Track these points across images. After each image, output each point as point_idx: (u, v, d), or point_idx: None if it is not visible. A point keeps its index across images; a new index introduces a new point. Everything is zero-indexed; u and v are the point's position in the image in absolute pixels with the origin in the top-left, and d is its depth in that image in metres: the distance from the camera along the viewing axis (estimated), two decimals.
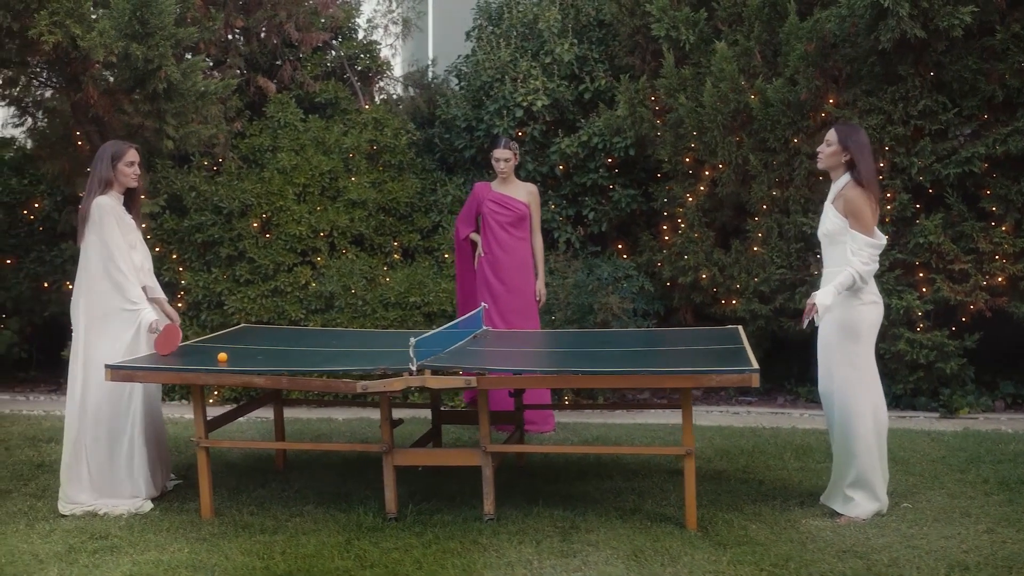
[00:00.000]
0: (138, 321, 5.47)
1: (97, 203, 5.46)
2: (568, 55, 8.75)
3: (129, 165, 5.58)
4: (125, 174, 5.57)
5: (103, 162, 5.54)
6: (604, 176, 8.84)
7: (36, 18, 6.70)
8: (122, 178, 5.58)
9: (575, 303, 8.15)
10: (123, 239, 5.51)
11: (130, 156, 5.60)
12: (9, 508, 5.56)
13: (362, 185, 8.96)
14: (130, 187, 5.64)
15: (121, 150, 5.59)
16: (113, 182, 5.55)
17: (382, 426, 5.19)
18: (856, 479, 5.12)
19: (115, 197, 5.56)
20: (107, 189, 5.53)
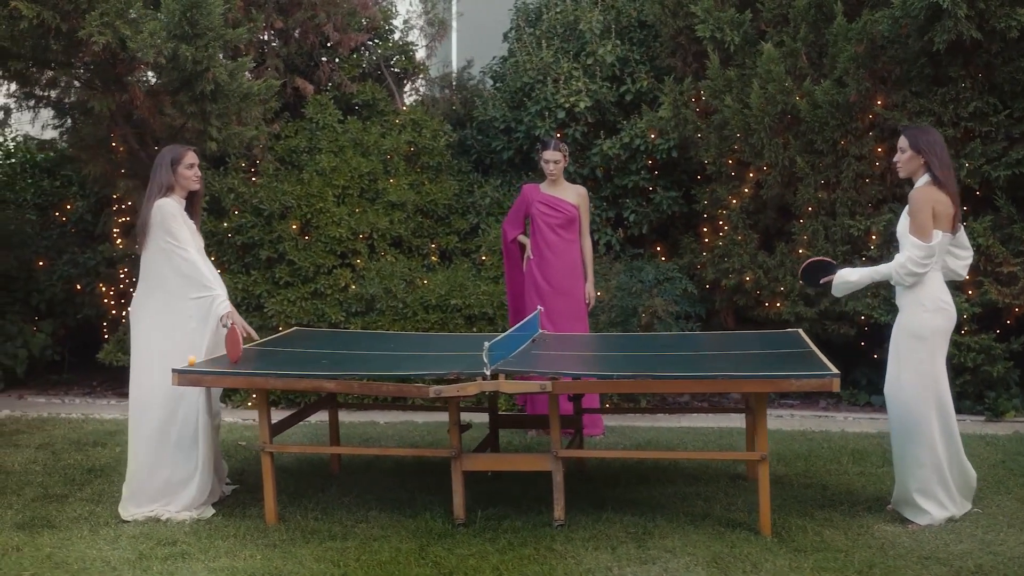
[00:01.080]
0: (209, 308, 5.37)
1: (159, 205, 5.40)
2: (610, 56, 8.70)
3: (189, 168, 5.52)
4: (186, 177, 5.51)
5: (163, 166, 5.48)
6: (645, 178, 8.79)
7: (87, 19, 6.63)
8: (183, 181, 5.51)
9: (619, 305, 8.10)
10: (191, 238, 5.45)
11: (189, 158, 5.53)
12: (69, 513, 5.50)
13: (401, 187, 8.91)
14: (191, 190, 5.58)
15: (180, 153, 5.53)
16: (174, 186, 5.49)
17: (450, 431, 5.14)
18: (923, 486, 5.07)
19: (177, 201, 5.50)
20: (168, 193, 5.47)
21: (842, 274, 5.33)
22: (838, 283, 5.34)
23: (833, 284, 5.36)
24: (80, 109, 8.04)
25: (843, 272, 5.33)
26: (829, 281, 5.38)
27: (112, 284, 9.30)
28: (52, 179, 10.22)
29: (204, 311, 5.38)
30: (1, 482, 6.14)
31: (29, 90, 8.14)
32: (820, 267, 5.47)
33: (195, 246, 5.48)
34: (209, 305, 5.38)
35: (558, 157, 7.19)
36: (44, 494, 5.88)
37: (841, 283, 5.33)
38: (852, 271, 5.33)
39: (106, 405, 8.70)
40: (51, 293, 9.58)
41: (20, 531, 5.20)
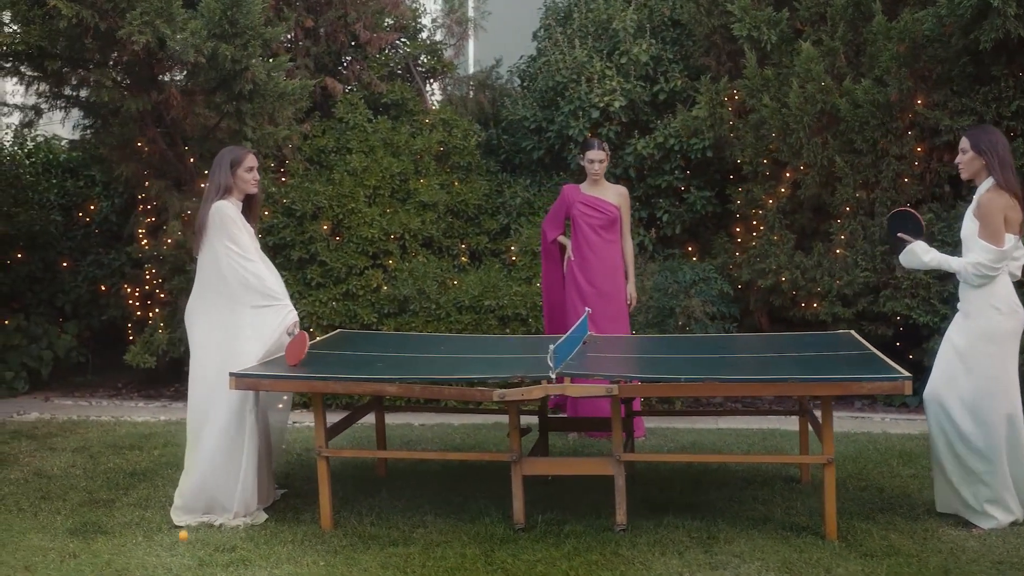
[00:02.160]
0: (267, 317, 5.32)
1: (217, 207, 5.32)
2: (644, 56, 8.64)
3: (248, 171, 5.44)
4: (244, 180, 5.44)
5: (222, 168, 5.40)
6: (679, 178, 8.73)
7: (127, 18, 6.56)
8: (241, 184, 5.43)
9: (655, 306, 8.04)
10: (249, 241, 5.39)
11: (249, 161, 5.46)
12: (119, 519, 5.43)
13: (432, 187, 8.84)
14: (249, 193, 5.50)
15: (240, 155, 5.45)
16: (232, 188, 5.41)
17: (511, 435, 5.07)
18: (995, 495, 5.00)
19: (234, 203, 5.42)
20: (226, 195, 5.39)
21: (916, 248, 5.19)
22: (908, 255, 5.22)
23: (904, 252, 5.25)
24: (112, 109, 7.96)
25: (918, 246, 5.19)
26: (903, 243, 5.25)
27: (137, 285, 9.22)
28: (76, 179, 10.13)
29: (262, 320, 5.32)
30: (44, 487, 6.06)
31: (58, 90, 8.06)
32: (907, 223, 5.30)
33: (256, 251, 5.41)
34: (269, 314, 5.33)
35: (602, 156, 7.13)
36: (90, 499, 5.81)
37: (911, 256, 5.21)
38: (928, 250, 5.16)
39: (134, 407, 8.62)
40: (76, 294, 9.51)
41: (74, 537, 5.13)
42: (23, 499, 5.80)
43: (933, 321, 7.67)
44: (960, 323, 5.14)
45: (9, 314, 9.23)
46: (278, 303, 5.39)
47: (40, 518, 5.46)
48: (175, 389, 9.29)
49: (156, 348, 8.66)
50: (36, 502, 5.75)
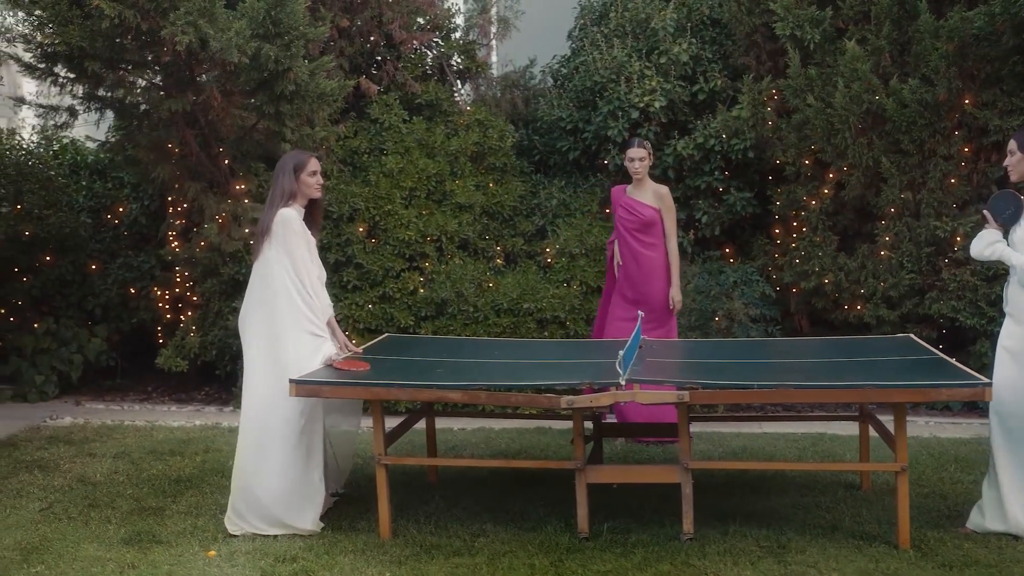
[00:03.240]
0: (318, 347, 5.26)
1: (282, 216, 5.22)
2: (685, 55, 8.54)
3: (311, 175, 5.34)
4: (308, 184, 5.33)
5: (285, 173, 5.29)
6: (718, 179, 8.63)
7: (171, 17, 6.46)
8: (305, 189, 5.33)
9: (697, 309, 7.94)
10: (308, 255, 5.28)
11: (312, 166, 5.35)
12: (172, 527, 5.34)
13: (468, 188, 8.74)
14: (312, 198, 5.41)
15: (304, 160, 5.35)
16: (296, 193, 5.31)
17: (575, 442, 4.98)
18: None
19: (298, 210, 5.33)
20: (290, 201, 5.29)
21: (988, 235, 5.05)
22: (979, 240, 5.06)
23: (981, 235, 5.08)
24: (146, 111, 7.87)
25: (989, 233, 5.04)
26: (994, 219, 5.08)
27: (167, 288, 9.12)
28: (104, 181, 10.04)
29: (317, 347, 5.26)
30: (90, 494, 5.97)
31: (92, 91, 7.97)
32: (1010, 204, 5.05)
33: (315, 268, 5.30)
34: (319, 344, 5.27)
35: (643, 154, 6.98)
36: (139, 507, 5.71)
37: (981, 241, 5.05)
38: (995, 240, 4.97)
39: (167, 412, 8.53)
40: (106, 297, 9.40)
41: (129, 547, 5.04)
42: (71, 507, 5.71)
43: (980, 323, 7.58)
44: (1010, 328, 4.99)
45: (39, 317, 9.13)
46: (317, 337, 5.31)
47: (92, 527, 5.37)
48: (205, 393, 9.20)
49: (188, 352, 8.57)
50: (85, 510, 5.65)
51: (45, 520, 5.49)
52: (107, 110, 8.16)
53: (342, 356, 5.36)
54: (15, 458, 6.82)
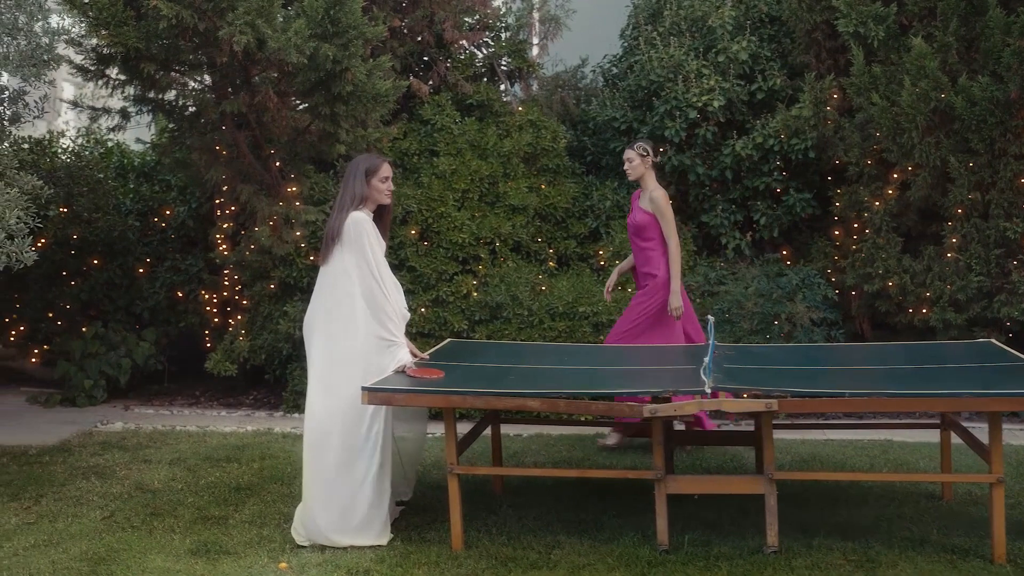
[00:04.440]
0: (394, 354, 5.13)
1: (354, 219, 5.09)
2: (744, 53, 8.37)
3: (383, 180, 5.21)
4: (379, 190, 5.20)
5: (356, 177, 5.17)
6: (777, 179, 8.45)
7: (229, 17, 6.36)
8: (375, 194, 5.20)
9: (759, 312, 7.77)
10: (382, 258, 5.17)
11: (385, 171, 5.22)
12: (237, 538, 5.22)
13: (521, 190, 8.60)
14: (382, 204, 5.28)
15: (376, 164, 5.22)
16: (367, 198, 5.19)
17: (655, 451, 4.83)
18: None
19: (367, 214, 5.20)
20: (361, 206, 5.17)
21: None
22: None
23: None
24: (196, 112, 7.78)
25: None
26: None
27: (215, 291, 9.04)
28: (151, 184, 9.97)
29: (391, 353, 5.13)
30: (150, 502, 5.87)
31: (143, 94, 7.89)
32: None
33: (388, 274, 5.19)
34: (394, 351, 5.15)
35: (631, 156, 6.82)
36: (201, 516, 5.60)
37: None
38: None
39: (217, 417, 8.43)
40: (154, 301, 9.33)
41: (197, 557, 4.93)
42: (133, 516, 5.61)
43: None
44: None
45: (87, 321, 9.07)
46: (394, 341, 5.18)
47: (156, 536, 5.26)
48: (254, 397, 9.11)
49: (237, 356, 8.48)
50: (147, 519, 5.55)
51: (108, 529, 5.39)
52: (158, 113, 8.07)
53: (414, 363, 5.24)
54: (71, 464, 6.73)
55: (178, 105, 7.72)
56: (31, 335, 9.10)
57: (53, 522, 5.51)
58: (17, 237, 5.71)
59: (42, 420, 8.22)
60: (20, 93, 7.01)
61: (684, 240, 8.61)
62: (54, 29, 6.10)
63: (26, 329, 9.11)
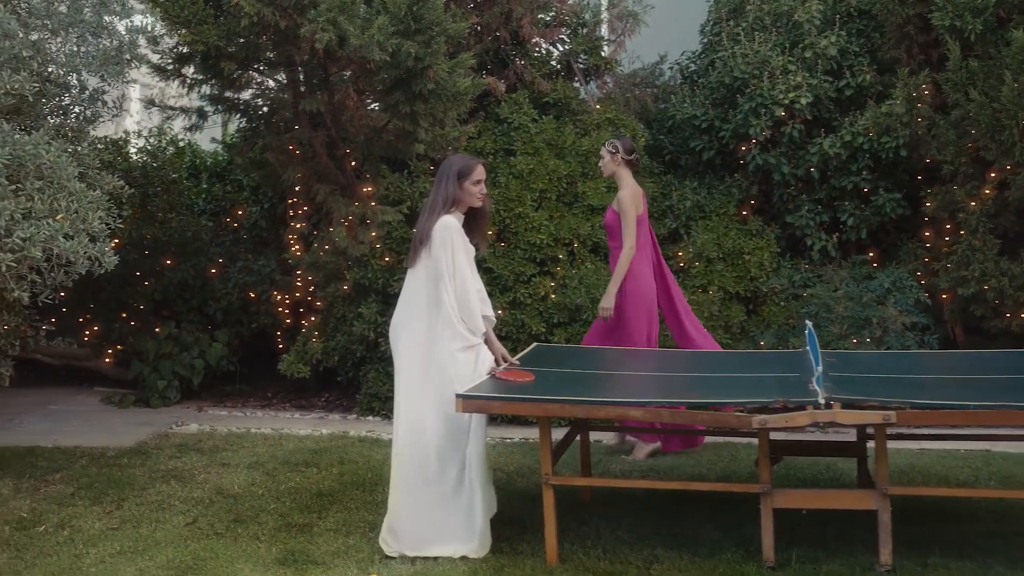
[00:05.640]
0: (477, 353, 4.98)
1: (444, 224, 4.94)
2: (833, 49, 8.09)
3: (476, 183, 5.04)
4: (471, 193, 5.04)
5: (448, 179, 5.01)
6: (866, 179, 8.17)
7: (310, 15, 6.24)
8: (467, 197, 5.05)
9: (848, 316, 7.50)
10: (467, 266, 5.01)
11: (478, 173, 5.06)
12: (324, 547, 5.09)
13: (599, 190, 8.41)
14: (474, 207, 5.12)
15: (469, 166, 5.05)
16: (459, 201, 5.04)
17: (760, 463, 4.62)
18: None
19: (457, 217, 5.05)
20: (452, 209, 5.02)
21: None
22: None
23: None
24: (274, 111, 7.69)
25: None
26: None
27: (287, 292, 8.96)
28: (223, 184, 9.92)
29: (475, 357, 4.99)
30: (231, 507, 5.77)
31: (219, 93, 7.82)
32: None
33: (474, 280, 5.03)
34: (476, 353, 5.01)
35: (602, 153, 6.69)
36: (285, 523, 5.49)
37: None
38: None
39: (291, 419, 8.33)
40: (226, 302, 9.26)
41: (285, 567, 4.82)
42: (216, 522, 5.51)
43: None
44: None
45: (160, 322, 9.03)
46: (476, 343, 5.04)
47: (241, 544, 5.16)
48: (326, 399, 9.02)
49: (310, 357, 8.39)
50: (231, 526, 5.45)
51: (193, 536, 5.29)
52: (234, 112, 8.00)
53: (500, 367, 5.09)
54: (149, 467, 6.67)
55: (253, 104, 7.63)
56: (105, 335, 9.08)
57: (137, 527, 5.44)
58: (99, 239, 5.62)
59: (117, 421, 8.19)
60: (99, 93, 6.95)
61: (767, 241, 8.39)
62: (137, 27, 6.02)
63: (100, 329, 9.09)
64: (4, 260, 4.94)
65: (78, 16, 5.77)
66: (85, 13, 5.71)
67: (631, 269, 6.53)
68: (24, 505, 5.83)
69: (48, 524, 5.49)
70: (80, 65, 5.87)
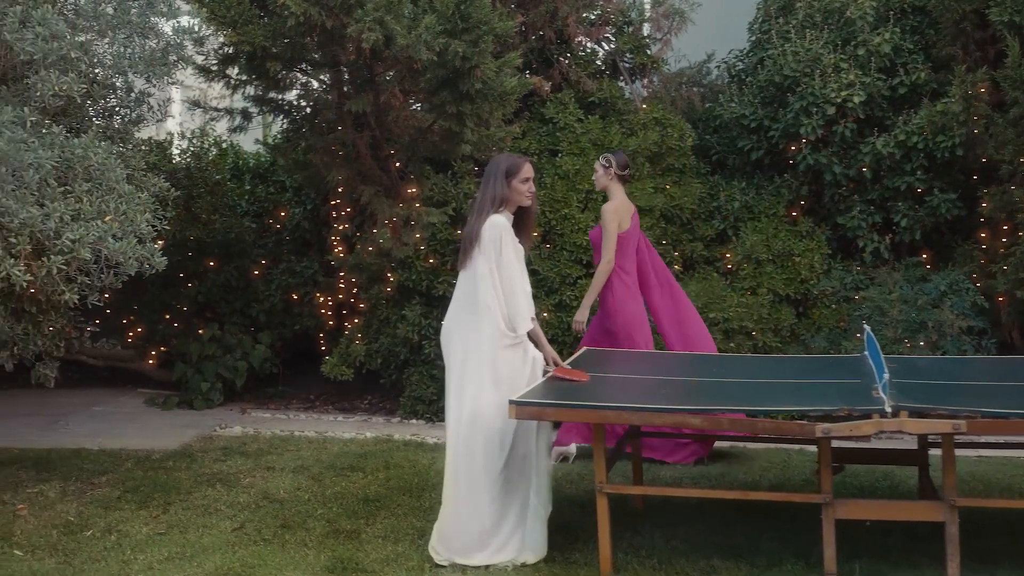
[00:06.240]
0: (529, 356, 4.89)
1: (493, 223, 4.86)
2: (887, 46, 7.91)
3: (524, 182, 4.96)
4: (519, 191, 4.96)
5: (496, 178, 4.92)
6: (920, 179, 7.98)
7: (357, 14, 6.17)
8: (516, 196, 4.96)
9: (903, 320, 7.33)
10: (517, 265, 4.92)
11: (526, 171, 4.97)
12: (373, 555, 5.01)
13: (646, 191, 8.28)
14: (522, 206, 5.03)
15: (517, 164, 4.96)
16: (508, 200, 4.95)
17: (822, 473, 4.48)
18: None
19: (507, 216, 4.96)
20: (500, 208, 4.93)
21: None
22: None
23: None
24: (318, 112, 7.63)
25: None
26: None
27: (330, 294, 8.91)
28: (266, 185, 9.89)
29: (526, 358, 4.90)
30: (278, 513, 5.71)
31: (263, 94, 7.78)
32: None
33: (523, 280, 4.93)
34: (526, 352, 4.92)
35: (596, 167, 6.67)
36: (333, 530, 5.41)
37: None
38: None
39: (334, 422, 8.28)
40: (269, 303, 9.21)
41: (333, 575, 4.73)
42: (263, 528, 5.45)
43: None
44: None
45: (203, 324, 9.01)
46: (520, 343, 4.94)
47: (289, 551, 5.09)
48: (369, 401, 8.95)
49: (353, 360, 8.32)
50: (278, 532, 5.38)
51: (240, 542, 5.23)
52: (277, 113, 7.95)
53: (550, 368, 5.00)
54: (195, 471, 6.62)
55: (297, 105, 7.57)
56: (149, 337, 9.07)
57: (184, 533, 5.39)
58: (147, 241, 5.58)
59: (161, 422, 8.17)
60: (144, 95, 6.92)
61: (818, 242, 8.23)
62: (184, 28, 5.97)
63: (144, 331, 9.08)
64: (55, 263, 4.91)
65: (125, 17, 5.72)
66: (132, 14, 5.66)
67: (611, 285, 6.51)
68: (71, 508, 5.80)
69: (95, 528, 5.45)
70: (127, 67, 5.81)
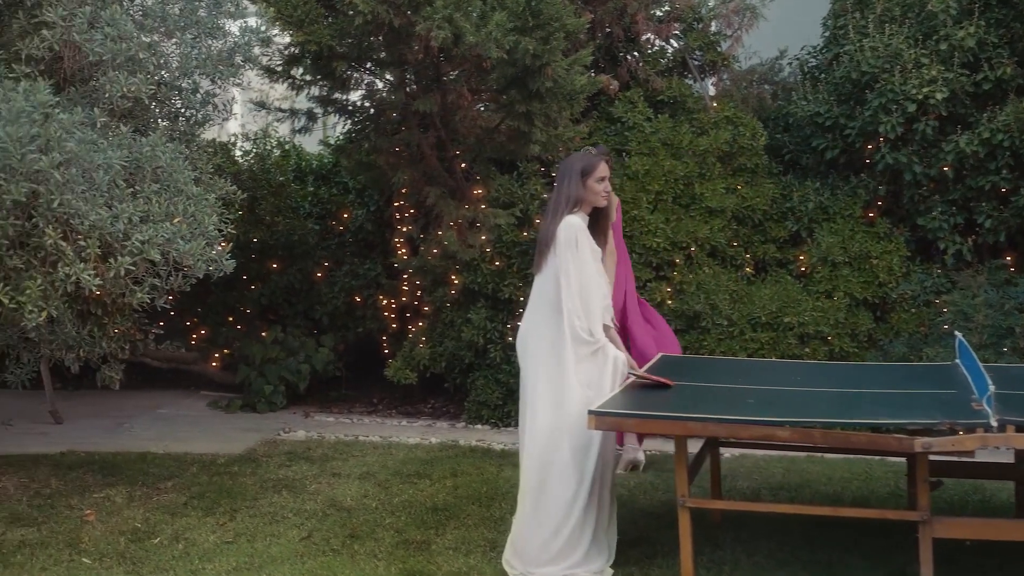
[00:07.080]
0: (609, 358, 4.71)
1: (568, 223, 4.70)
2: (971, 40, 7.61)
3: (599, 181, 4.79)
4: (595, 191, 4.79)
5: (571, 178, 4.76)
6: (1005, 178, 7.67)
7: (427, 11, 6.03)
8: (591, 196, 4.80)
9: (989, 325, 7.03)
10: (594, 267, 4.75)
11: (602, 170, 4.80)
12: (444, 567, 4.88)
13: (718, 191, 8.06)
14: (597, 207, 4.87)
15: (592, 163, 4.80)
16: (583, 200, 4.79)
17: (919, 489, 4.25)
18: None
19: (582, 217, 4.80)
20: (575, 208, 4.77)
21: None
22: None
23: None
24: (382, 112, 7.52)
25: None
26: None
27: (393, 296, 8.80)
28: (329, 187, 9.82)
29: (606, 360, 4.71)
30: (346, 521, 5.58)
31: (327, 94, 7.68)
32: None
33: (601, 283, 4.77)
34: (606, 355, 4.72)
35: None
36: (402, 540, 5.28)
37: None
38: None
39: (399, 427, 8.16)
40: (332, 306, 9.13)
41: None
42: (332, 537, 5.33)
43: None
44: None
45: (267, 326, 8.95)
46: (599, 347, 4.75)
47: (359, 563, 4.96)
48: (432, 406, 8.83)
49: (416, 363, 8.20)
50: (347, 541, 5.26)
51: (309, 552, 5.12)
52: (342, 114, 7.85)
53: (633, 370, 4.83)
54: (260, 476, 6.53)
55: (361, 105, 7.46)
56: (212, 339, 9.03)
57: (252, 542, 5.28)
58: (215, 244, 5.49)
59: (225, 426, 8.11)
60: (210, 96, 6.85)
61: (897, 244, 7.96)
62: (251, 28, 5.88)
63: (207, 333, 9.05)
64: (123, 264, 4.83)
65: (192, 17, 5.65)
66: (200, 14, 5.58)
67: None
68: (138, 515, 5.73)
69: (163, 536, 5.37)
70: (194, 68, 5.73)
